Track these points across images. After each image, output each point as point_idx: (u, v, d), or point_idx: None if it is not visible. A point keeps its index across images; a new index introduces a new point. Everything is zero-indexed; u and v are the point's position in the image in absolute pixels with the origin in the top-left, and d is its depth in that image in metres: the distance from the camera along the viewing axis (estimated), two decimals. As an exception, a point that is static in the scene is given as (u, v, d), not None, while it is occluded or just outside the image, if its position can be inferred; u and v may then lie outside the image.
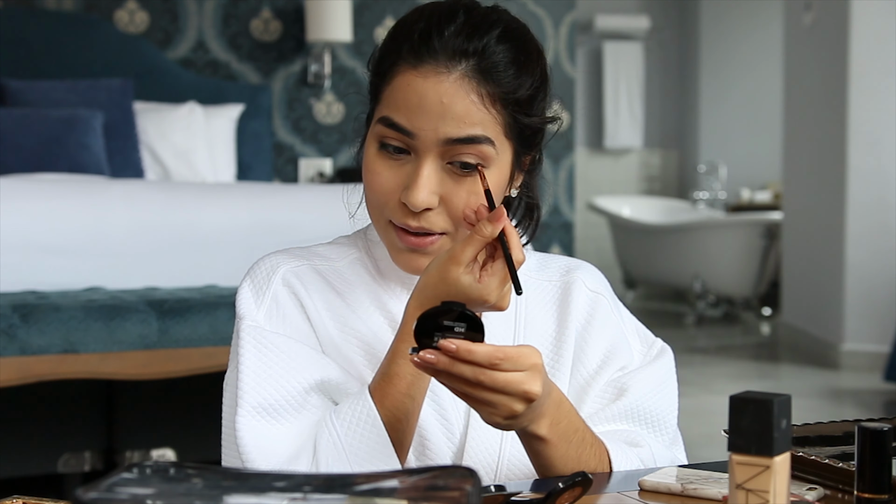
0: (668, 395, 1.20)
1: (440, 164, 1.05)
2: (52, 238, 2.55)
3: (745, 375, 5.28)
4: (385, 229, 1.10)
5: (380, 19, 4.65)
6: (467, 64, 1.04)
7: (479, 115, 1.04)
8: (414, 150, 1.06)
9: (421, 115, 1.04)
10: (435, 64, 1.04)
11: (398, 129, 1.05)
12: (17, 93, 3.80)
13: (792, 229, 6.04)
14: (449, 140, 1.04)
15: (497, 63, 1.05)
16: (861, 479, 0.91)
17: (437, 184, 1.05)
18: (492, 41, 1.05)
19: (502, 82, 1.05)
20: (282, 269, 1.14)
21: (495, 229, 0.98)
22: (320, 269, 1.15)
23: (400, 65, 1.06)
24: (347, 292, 1.14)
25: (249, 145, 4.29)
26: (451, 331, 0.92)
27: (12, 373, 2.35)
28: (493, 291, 0.99)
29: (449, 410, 1.11)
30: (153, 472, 0.74)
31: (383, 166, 1.07)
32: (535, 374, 0.94)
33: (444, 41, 1.04)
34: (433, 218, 1.07)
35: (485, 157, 1.05)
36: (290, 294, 1.13)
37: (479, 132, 1.04)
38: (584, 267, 1.24)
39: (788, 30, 6.14)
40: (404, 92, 1.05)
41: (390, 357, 1.03)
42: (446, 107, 1.03)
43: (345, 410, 1.03)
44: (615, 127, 8.45)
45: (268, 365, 1.07)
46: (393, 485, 0.73)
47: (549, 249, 4.62)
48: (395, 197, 1.07)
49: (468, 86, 1.04)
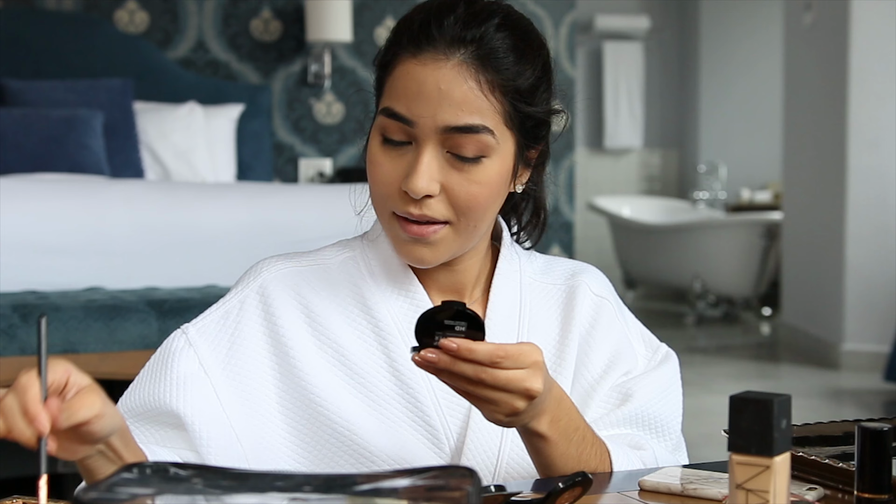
0: (673, 401, 1.20)
1: (440, 151, 1.06)
2: (52, 238, 2.54)
3: (745, 375, 5.28)
4: (389, 222, 1.10)
5: (380, 19, 4.65)
6: (466, 51, 1.04)
7: (477, 102, 1.04)
8: (414, 138, 1.06)
9: (420, 102, 1.04)
10: (434, 52, 1.04)
11: (398, 118, 1.05)
12: (17, 93, 3.80)
13: (792, 229, 6.04)
14: (448, 128, 1.04)
15: (496, 49, 1.05)
16: (861, 479, 0.91)
17: (438, 171, 1.06)
18: (491, 29, 1.05)
19: (501, 69, 1.05)
20: (263, 275, 1.14)
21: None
22: (305, 274, 1.15)
23: (401, 55, 1.07)
24: (332, 295, 1.14)
25: (249, 145, 4.29)
26: (452, 329, 0.92)
27: (12, 373, 2.35)
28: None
29: (436, 421, 1.11)
30: (153, 472, 0.74)
31: (385, 157, 1.08)
32: (536, 371, 0.94)
33: (444, 30, 1.05)
34: (435, 206, 1.07)
35: (484, 147, 1.05)
36: (259, 303, 1.13)
37: (478, 121, 1.04)
38: (589, 271, 1.23)
39: (788, 30, 6.14)
40: (404, 80, 1.05)
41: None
42: (444, 93, 1.03)
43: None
44: (615, 127, 8.44)
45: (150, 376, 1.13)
46: (393, 485, 0.73)
47: (549, 249, 4.62)
48: (397, 186, 1.07)
49: (466, 72, 1.04)
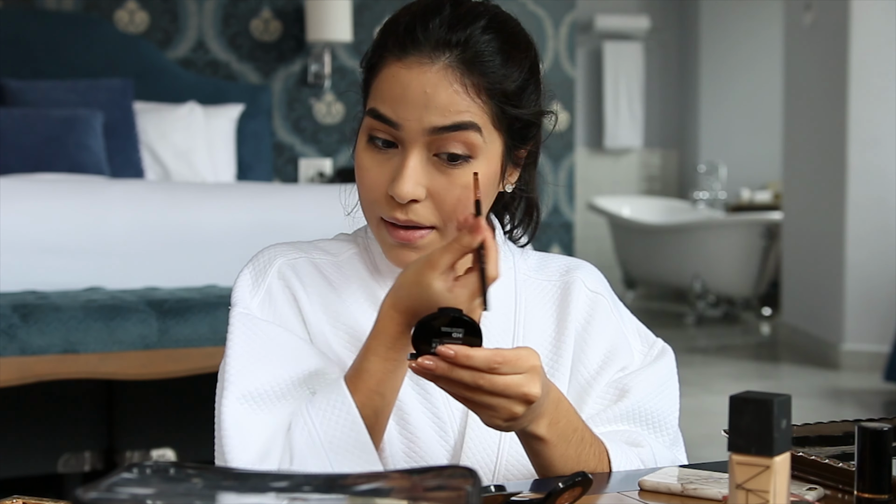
0: (670, 396, 1.20)
1: (426, 155, 1.05)
2: (52, 238, 2.54)
3: (745, 375, 5.28)
4: (377, 226, 1.10)
5: (380, 19, 4.65)
6: (451, 54, 1.04)
7: (463, 103, 1.04)
8: (400, 141, 1.06)
9: (405, 106, 1.04)
10: (419, 55, 1.04)
11: (384, 121, 1.05)
12: (17, 93, 3.80)
13: (792, 229, 6.04)
14: (434, 129, 1.03)
15: (481, 52, 1.04)
16: (861, 479, 0.91)
17: (424, 175, 1.05)
18: (476, 31, 1.05)
19: (487, 72, 1.04)
20: (278, 261, 1.14)
21: (473, 240, 0.94)
22: (318, 263, 1.15)
23: (386, 57, 1.06)
24: (343, 287, 1.14)
25: (249, 145, 4.29)
26: (449, 336, 0.91)
27: (12, 373, 2.35)
28: (463, 303, 0.96)
29: (442, 410, 1.11)
30: (153, 472, 0.74)
31: (372, 161, 1.08)
32: (533, 376, 0.94)
33: (429, 33, 1.04)
34: (421, 211, 1.06)
35: (471, 145, 1.05)
36: (283, 287, 1.13)
37: (466, 118, 1.04)
38: (584, 267, 1.23)
39: (788, 30, 6.14)
40: (389, 83, 1.05)
41: (363, 353, 1.02)
42: (430, 97, 1.03)
43: (319, 398, 1.02)
44: (615, 127, 8.44)
45: (256, 352, 1.06)
46: (393, 485, 0.73)
47: (549, 249, 4.62)
48: (384, 191, 1.07)
49: (452, 76, 1.03)
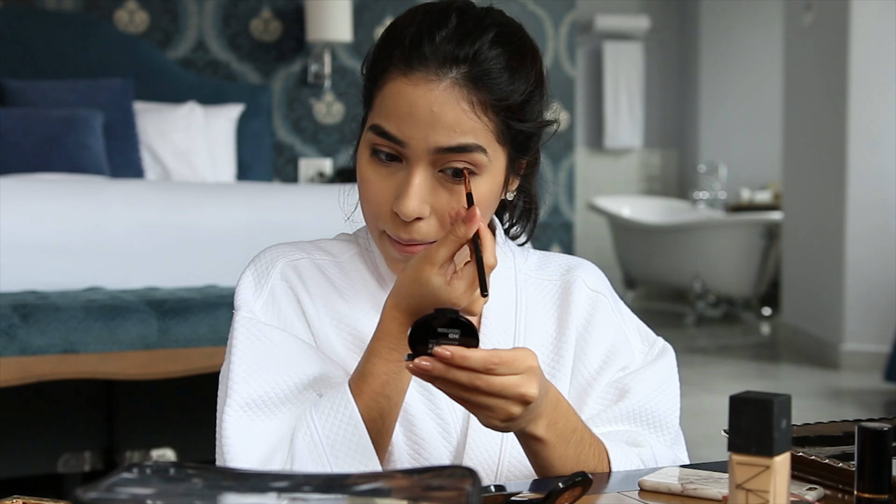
0: (670, 396, 1.20)
1: (431, 172, 1.04)
2: (52, 238, 2.54)
3: (745, 375, 5.28)
4: (380, 239, 1.10)
5: (380, 19, 4.65)
6: (458, 71, 1.02)
7: (469, 123, 1.03)
8: (405, 158, 1.05)
9: (411, 124, 1.03)
10: (425, 71, 1.02)
11: (389, 138, 1.04)
12: (17, 93, 3.80)
13: (792, 229, 6.04)
14: (439, 149, 1.03)
15: (489, 70, 1.03)
16: (861, 479, 0.91)
17: (429, 193, 1.05)
18: (484, 46, 1.03)
19: (494, 89, 1.03)
20: (280, 262, 1.14)
21: (468, 230, 0.96)
22: (320, 264, 1.15)
23: (391, 71, 1.05)
24: (346, 288, 1.14)
25: (249, 145, 4.29)
26: (446, 337, 0.91)
27: (12, 373, 2.35)
28: (462, 295, 0.96)
29: (445, 411, 1.11)
30: (153, 472, 0.74)
31: (376, 175, 1.07)
32: (531, 376, 0.93)
33: (435, 47, 1.02)
34: (424, 229, 1.06)
35: (476, 164, 1.04)
36: (286, 289, 1.12)
37: (471, 140, 1.03)
38: (585, 265, 1.23)
39: (788, 30, 6.14)
40: (395, 100, 1.04)
41: (366, 356, 1.02)
42: (437, 115, 1.02)
43: (322, 402, 1.02)
44: (615, 127, 8.44)
45: (260, 358, 1.06)
46: (393, 485, 0.73)
47: (548, 249, 4.62)
48: (388, 207, 1.06)
49: (459, 94, 1.02)
